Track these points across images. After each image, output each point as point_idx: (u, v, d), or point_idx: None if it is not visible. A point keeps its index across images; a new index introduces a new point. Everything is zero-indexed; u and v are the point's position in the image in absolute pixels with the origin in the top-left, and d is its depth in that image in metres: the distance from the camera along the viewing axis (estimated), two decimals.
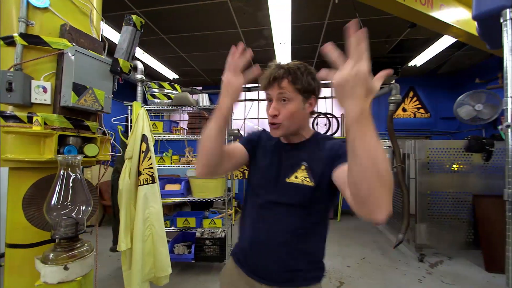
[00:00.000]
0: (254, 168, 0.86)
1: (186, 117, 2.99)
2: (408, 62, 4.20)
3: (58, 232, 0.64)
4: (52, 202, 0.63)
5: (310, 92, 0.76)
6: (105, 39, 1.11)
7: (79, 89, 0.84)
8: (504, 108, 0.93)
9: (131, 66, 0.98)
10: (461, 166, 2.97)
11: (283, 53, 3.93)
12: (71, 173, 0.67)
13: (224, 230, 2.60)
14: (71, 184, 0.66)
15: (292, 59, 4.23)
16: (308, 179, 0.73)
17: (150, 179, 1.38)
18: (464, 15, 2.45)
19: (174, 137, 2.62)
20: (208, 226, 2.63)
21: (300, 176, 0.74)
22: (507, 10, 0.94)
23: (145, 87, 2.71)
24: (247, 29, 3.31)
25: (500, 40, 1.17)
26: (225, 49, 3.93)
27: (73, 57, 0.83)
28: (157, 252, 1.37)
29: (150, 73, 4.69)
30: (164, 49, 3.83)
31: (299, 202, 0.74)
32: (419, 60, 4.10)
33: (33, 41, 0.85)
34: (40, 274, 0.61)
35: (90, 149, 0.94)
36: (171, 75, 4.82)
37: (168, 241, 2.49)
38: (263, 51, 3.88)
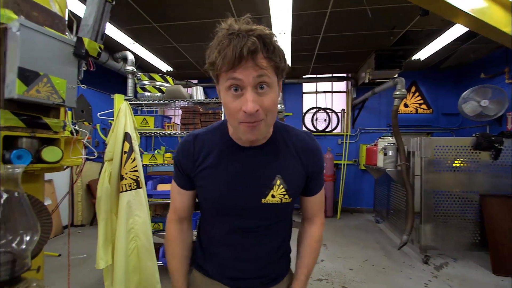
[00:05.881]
0: (206, 190, 0.65)
1: (180, 111, 2.78)
2: (412, 56, 4.03)
3: None
4: None
5: (283, 70, 0.56)
6: (72, 18, 0.91)
7: (27, 76, 0.64)
8: None
9: (100, 48, 0.78)
10: (464, 164, 2.84)
11: (283, 45, 3.71)
12: (1, 192, 0.48)
13: None
14: (1, 208, 0.47)
15: (292, 51, 4.01)
16: (286, 196, 0.63)
17: (135, 184, 1.19)
18: (478, 3, 2.29)
19: (167, 133, 2.42)
20: None
21: (278, 195, 0.62)
22: None
23: (135, 80, 2.49)
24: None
25: None
26: None
27: (18, 33, 0.62)
28: (143, 267, 1.19)
29: (142, 65, 4.41)
30: (155, 39, 3.57)
31: (279, 219, 0.67)
32: (423, 54, 3.93)
33: None
34: None
35: (50, 153, 0.74)
36: (164, 67, 4.56)
37: (158, 249, 2.28)
38: None
